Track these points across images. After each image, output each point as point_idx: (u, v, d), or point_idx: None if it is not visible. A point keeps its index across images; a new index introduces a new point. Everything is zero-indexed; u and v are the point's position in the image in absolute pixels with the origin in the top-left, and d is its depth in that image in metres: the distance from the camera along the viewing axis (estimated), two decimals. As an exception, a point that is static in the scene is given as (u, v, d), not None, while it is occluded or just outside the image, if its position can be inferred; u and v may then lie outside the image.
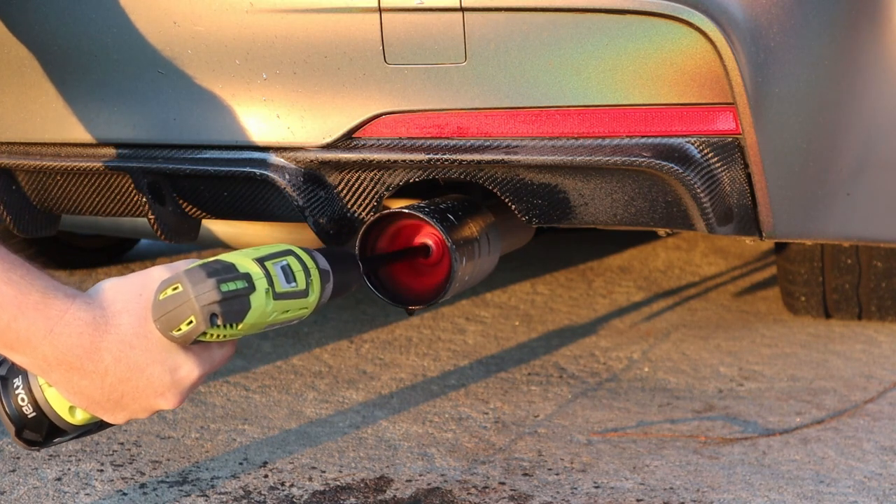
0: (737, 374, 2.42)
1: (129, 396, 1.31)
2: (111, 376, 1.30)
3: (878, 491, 1.84)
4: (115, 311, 1.29)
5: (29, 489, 1.82)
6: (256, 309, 1.30)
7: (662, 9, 1.54)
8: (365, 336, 2.67)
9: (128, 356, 1.29)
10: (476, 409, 2.20)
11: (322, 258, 1.42)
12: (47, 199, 1.91)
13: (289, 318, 1.36)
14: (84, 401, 1.32)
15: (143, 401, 1.32)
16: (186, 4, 1.67)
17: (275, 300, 1.32)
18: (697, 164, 1.60)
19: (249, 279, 1.30)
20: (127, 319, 1.29)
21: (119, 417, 1.35)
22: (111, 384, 1.30)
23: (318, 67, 1.65)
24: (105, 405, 1.32)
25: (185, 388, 1.33)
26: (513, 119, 1.62)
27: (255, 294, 1.30)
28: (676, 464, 1.93)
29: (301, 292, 1.35)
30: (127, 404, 1.32)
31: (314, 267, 1.38)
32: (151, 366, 1.30)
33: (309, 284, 1.36)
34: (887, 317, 2.71)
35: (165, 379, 1.31)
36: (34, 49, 1.78)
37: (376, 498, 1.80)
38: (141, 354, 1.30)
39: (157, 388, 1.32)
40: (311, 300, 1.37)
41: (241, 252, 1.34)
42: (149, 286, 1.30)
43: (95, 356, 1.28)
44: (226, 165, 1.72)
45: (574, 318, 2.84)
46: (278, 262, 1.34)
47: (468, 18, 1.59)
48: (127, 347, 1.29)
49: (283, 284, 1.33)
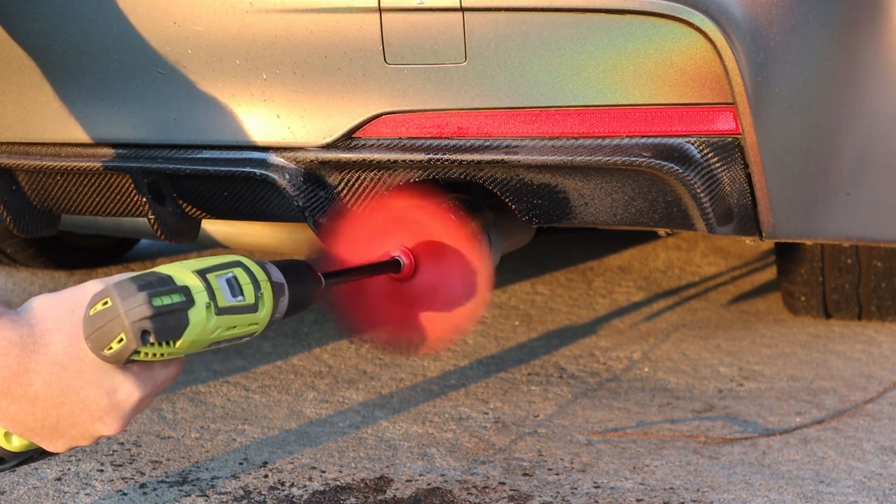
0: (737, 374, 2.42)
1: (66, 422, 1.21)
2: (42, 401, 1.19)
3: (878, 491, 1.84)
4: (45, 330, 1.18)
5: (29, 489, 1.82)
6: (196, 325, 1.18)
7: (662, 9, 1.54)
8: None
9: (60, 379, 1.18)
10: (476, 409, 2.20)
11: (276, 270, 1.30)
12: (47, 199, 1.91)
13: (237, 334, 1.24)
14: (18, 427, 1.21)
15: (81, 427, 1.22)
16: (186, 4, 1.67)
17: (217, 315, 1.20)
18: (697, 164, 1.60)
19: (188, 292, 1.18)
20: (58, 338, 1.18)
21: (59, 445, 1.24)
22: (43, 409, 1.20)
23: (318, 67, 1.65)
24: (40, 432, 1.22)
25: (125, 411, 1.22)
26: (513, 119, 1.62)
27: (194, 309, 1.18)
28: (676, 464, 1.93)
29: (249, 307, 1.23)
30: (64, 430, 1.22)
31: (265, 280, 1.26)
32: (86, 388, 1.19)
33: (259, 298, 1.24)
34: (887, 317, 2.71)
35: (102, 402, 1.20)
36: (34, 49, 1.78)
37: (376, 498, 1.80)
38: (74, 377, 1.19)
39: (94, 413, 1.21)
40: (261, 315, 1.25)
41: (180, 263, 1.23)
42: (80, 302, 1.19)
43: (24, 379, 1.17)
44: (226, 165, 1.72)
45: (574, 318, 2.84)
46: (223, 274, 1.22)
47: (468, 18, 1.59)
48: (58, 369, 1.18)
49: (227, 298, 1.21)
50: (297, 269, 1.34)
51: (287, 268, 1.32)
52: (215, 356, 2.50)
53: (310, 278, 1.37)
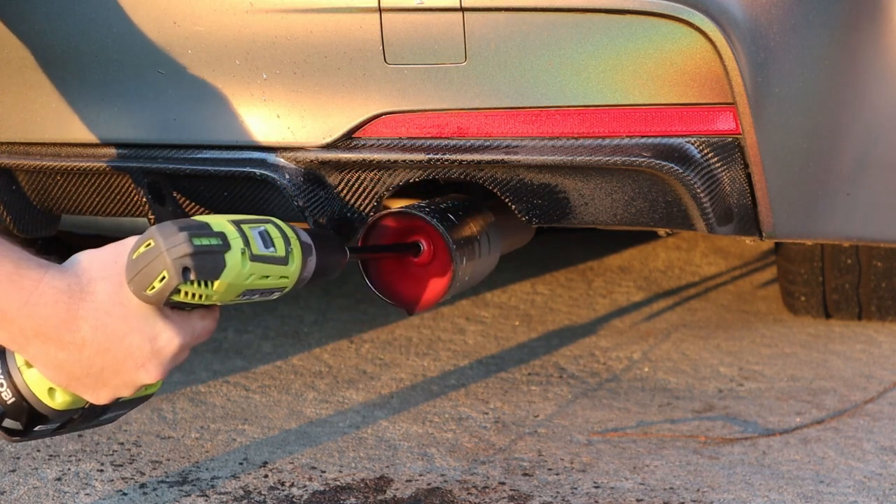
0: (737, 374, 2.42)
1: (110, 369, 1.27)
2: (89, 347, 1.25)
3: (878, 491, 1.84)
4: (91, 279, 1.26)
5: (29, 489, 1.82)
6: (232, 268, 1.25)
7: (662, 9, 1.54)
8: (365, 336, 2.67)
9: (105, 324, 1.25)
10: (476, 409, 2.20)
11: (304, 233, 1.38)
12: (47, 199, 1.91)
13: (269, 285, 1.31)
14: (64, 377, 1.27)
15: (125, 374, 1.27)
16: (186, 4, 1.67)
17: (251, 261, 1.27)
18: (697, 164, 1.60)
19: (224, 238, 1.26)
20: (103, 286, 1.25)
21: (101, 395, 1.29)
22: (89, 356, 1.26)
23: (318, 67, 1.65)
24: (85, 381, 1.28)
25: (166, 358, 1.28)
26: (513, 119, 1.62)
27: (231, 253, 1.26)
28: (676, 464, 1.93)
29: (280, 258, 1.31)
30: (108, 379, 1.28)
31: (295, 238, 1.34)
32: (130, 334, 1.26)
33: (289, 253, 1.32)
34: (887, 317, 2.71)
35: (145, 348, 1.26)
36: (34, 49, 1.78)
37: (376, 498, 1.80)
38: (118, 322, 1.25)
39: (137, 359, 1.26)
40: (291, 269, 1.33)
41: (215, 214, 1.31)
42: (123, 253, 1.26)
43: (72, 325, 1.24)
44: (226, 165, 1.72)
45: (574, 318, 2.84)
46: (256, 226, 1.30)
47: (468, 18, 1.59)
48: (104, 315, 1.25)
49: (260, 248, 1.29)
50: (325, 237, 1.44)
51: (315, 234, 1.41)
52: (215, 356, 2.50)
53: (336, 247, 1.47)
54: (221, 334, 2.65)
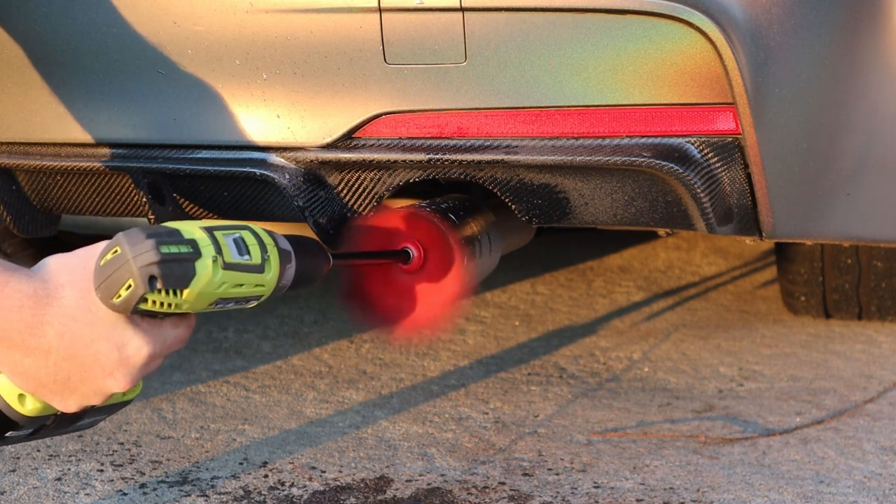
0: (737, 374, 2.42)
1: (77, 377, 1.24)
2: (55, 353, 1.22)
3: (878, 491, 1.84)
4: (58, 284, 1.22)
5: (29, 489, 1.82)
6: (202, 277, 1.21)
7: (662, 9, 1.54)
8: (365, 336, 2.67)
9: (71, 330, 1.22)
10: (476, 409, 2.20)
11: (284, 239, 1.34)
12: (47, 199, 1.91)
13: (244, 294, 1.27)
14: (30, 383, 1.24)
15: (92, 382, 1.24)
16: (186, 4, 1.67)
17: (224, 269, 1.23)
18: (697, 164, 1.60)
19: (195, 245, 1.22)
20: (70, 292, 1.22)
21: (70, 403, 1.26)
22: (56, 362, 1.23)
23: (318, 67, 1.65)
24: (52, 387, 1.24)
25: (134, 367, 1.24)
26: (513, 119, 1.62)
27: (201, 261, 1.22)
28: (676, 464, 1.93)
29: (255, 266, 1.27)
30: (75, 386, 1.25)
31: (272, 244, 1.30)
32: (97, 341, 1.22)
33: (265, 261, 1.28)
34: (887, 317, 2.71)
35: (113, 356, 1.23)
36: (34, 49, 1.78)
37: (376, 498, 1.80)
38: (85, 329, 1.22)
39: (104, 366, 1.23)
40: (267, 277, 1.28)
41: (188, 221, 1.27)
42: (92, 258, 1.23)
43: (38, 331, 1.21)
44: (226, 165, 1.72)
45: (574, 318, 2.84)
46: (230, 234, 1.26)
47: (468, 18, 1.59)
48: (70, 321, 1.22)
49: (233, 255, 1.25)
50: (306, 243, 1.38)
51: (295, 240, 1.36)
52: (215, 356, 2.50)
53: (318, 254, 1.40)
54: (221, 334, 2.65)
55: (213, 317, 2.76)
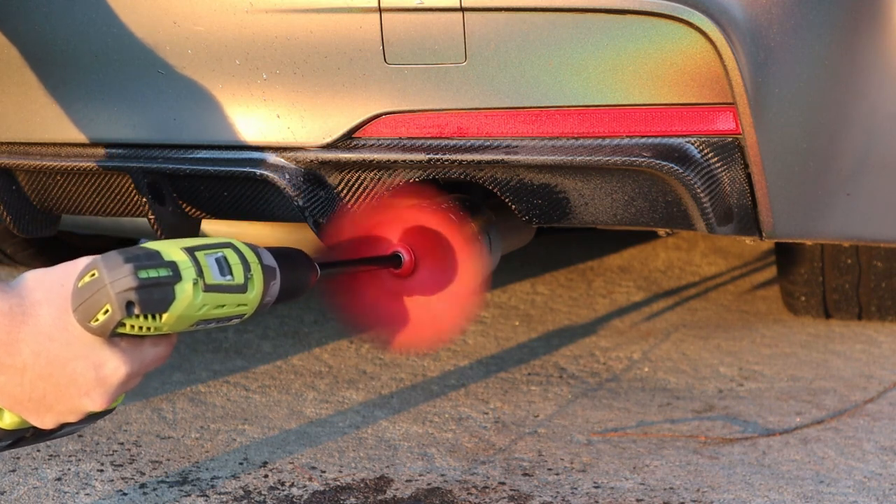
0: (737, 374, 2.42)
1: (53, 396, 1.22)
2: (30, 372, 1.21)
3: (878, 491, 1.84)
4: (34, 302, 1.21)
5: (29, 489, 1.82)
6: (182, 300, 1.20)
7: (662, 9, 1.54)
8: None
9: (47, 350, 1.20)
10: (476, 409, 2.20)
11: (268, 255, 1.31)
12: (47, 199, 1.91)
13: (226, 314, 1.25)
14: (6, 400, 1.23)
15: (68, 401, 1.23)
16: (186, 4, 1.67)
17: (205, 292, 1.21)
18: (697, 164, 1.60)
19: (175, 268, 1.20)
20: (47, 310, 1.20)
21: (47, 420, 1.25)
22: (31, 381, 1.21)
23: (318, 67, 1.65)
24: (28, 405, 1.23)
25: (111, 386, 1.23)
26: (513, 119, 1.62)
27: (181, 284, 1.20)
28: (676, 464, 1.93)
29: (238, 286, 1.24)
30: (51, 404, 1.23)
31: (256, 262, 1.27)
32: (73, 361, 1.21)
33: (248, 280, 1.26)
34: (887, 317, 2.71)
35: (89, 376, 1.22)
36: (34, 49, 1.78)
37: (376, 498, 1.80)
38: (61, 348, 1.21)
39: (80, 386, 1.22)
40: (250, 297, 1.26)
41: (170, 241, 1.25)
42: (71, 276, 1.21)
43: (12, 349, 1.20)
44: (226, 165, 1.72)
45: (574, 318, 2.84)
46: (212, 253, 1.24)
47: (468, 18, 1.59)
48: (46, 340, 1.20)
49: (215, 276, 1.23)
50: (291, 256, 1.35)
51: (280, 254, 1.33)
52: (215, 356, 2.50)
53: (304, 266, 1.38)
54: (221, 334, 2.65)
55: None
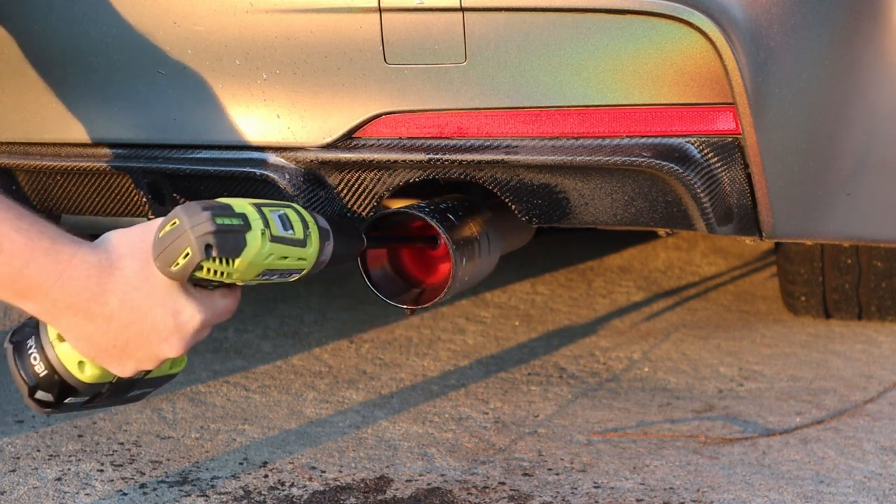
0: (737, 374, 2.42)
1: (134, 342, 1.34)
2: (117, 320, 1.33)
3: (878, 491, 1.84)
4: (120, 255, 1.33)
5: (29, 489, 1.82)
6: (252, 247, 1.33)
7: (662, 9, 1.54)
8: (365, 336, 2.67)
9: (132, 298, 1.33)
10: (476, 409, 2.20)
11: (322, 219, 1.46)
12: (47, 199, 1.91)
13: (288, 266, 1.39)
14: (91, 348, 1.35)
15: (148, 347, 1.35)
16: (186, 4, 1.67)
17: (271, 242, 1.35)
18: (697, 164, 1.60)
19: (245, 218, 1.34)
20: (131, 262, 1.33)
21: (126, 367, 1.37)
22: (117, 328, 1.33)
23: (318, 67, 1.65)
24: (111, 352, 1.35)
25: (188, 333, 1.36)
26: (513, 119, 1.62)
27: (251, 233, 1.33)
28: (676, 464, 1.93)
29: (299, 241, 1.39)
30: (132, 351, 1.35)
31: (313, 222, 1.42)
32: (154, 308, 1.33)
33: (307, 237, 1.40)
34: (887, 317, 2.71)
35: (169, 322, 1.34)
36: (34, 49, 1.78)
37: (376, 498, 1.80)
38: (144, 297, 1.33)
39: (160, 332, 1.34)
40: (309, 252, 1.41)
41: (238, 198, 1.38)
42: (151, 232, 1.34)
43: (102, 298, 1.32)
44: (226, 165, 1.72)
45: (574, 318, 2.84)
46: (276, 210, 1.38)
47: (468, 18, 1.59)
48: (131, 289, 1.32)
49: (279, 229, 1.37)
50: (343, 224, 1.52)
51: (333, 221, 1.49)
52: (215, 356, 2.50)
53: (354, 234, 1.54)
54: (221, 334, 2.65)
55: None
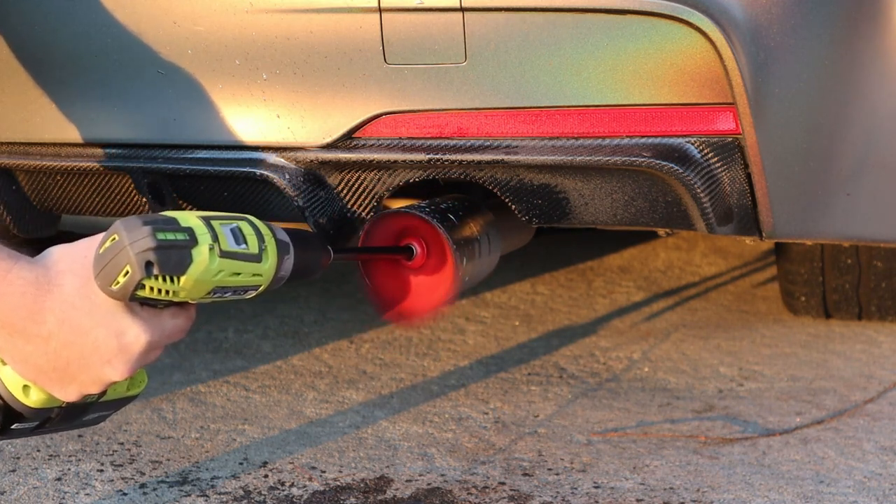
0: (737, 374, 2.42)
1: (76, 364, 1.26)
2: (55, 340, 1.25)
3: (878, 491, 1.84)
4: (59, 272, 1.25)
5: (29, 489, 1.82)
6: (199, 264, 1.24)
7: (662, 9, 1.54)
8: (365, 336, 2.67)
9: (71, 318, 1.25)
10: (476, 409, 2.20)
11: (282, 231, 1.36)
12: (47, 199, 1.91)
13: (241, 283, 1.29)
14: (31, 371, 1.27)
15: (91, 370, 1.27)
16: (186, 4, 1.67)
17: (220, 257, 1.25)
18: (697, 164, 1.60)
19: (192, 233, 1.25)
20: (70, 280, 1.25)
21: (69, 391, 1.28)
22: (55, 349, 1.25)
23: (318, 67, 1.65)
24: (52, 375, 1.27)
25: (133, 355, 1.26)
26: (513, 119, 1.62)
27: (197, 248, 1.24)
28: (676, 464, 1.93)
29: (253, 255, 1.29)
30: (74, 374, 1.27)
31: (270, 235, 1.32)
32: (95, 329, 1.25)
33: (263, 251, 1.30)
34: (887, 317, 2.71)
35: (111, 344, 1.25)
36: (34, 49, 1.78)
37: (376, 498, 1.80)
38: (84, 316, 1.25)
39: (103, 354, 1.26)
40: (265, 267, 1.30)
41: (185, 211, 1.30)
42: (93, 248, 1.26)
43: (38, 317, 1.24)
44: (226, 165, 1.72)
45: (574, 318, 2.84)
46: (227, 224, 1.29)
47: (468, 18, 1.59)
48: (70, 308, 1.24)
49: (230, 244, 1.27)
50: (304, 236, 1.41)
51: (295, 233, 1.38)
52: (215, 356, 2.50)
53: (317, 247, 1.43)
54: (221, 334, 2.65)
55: (214, 317, 2.76)
